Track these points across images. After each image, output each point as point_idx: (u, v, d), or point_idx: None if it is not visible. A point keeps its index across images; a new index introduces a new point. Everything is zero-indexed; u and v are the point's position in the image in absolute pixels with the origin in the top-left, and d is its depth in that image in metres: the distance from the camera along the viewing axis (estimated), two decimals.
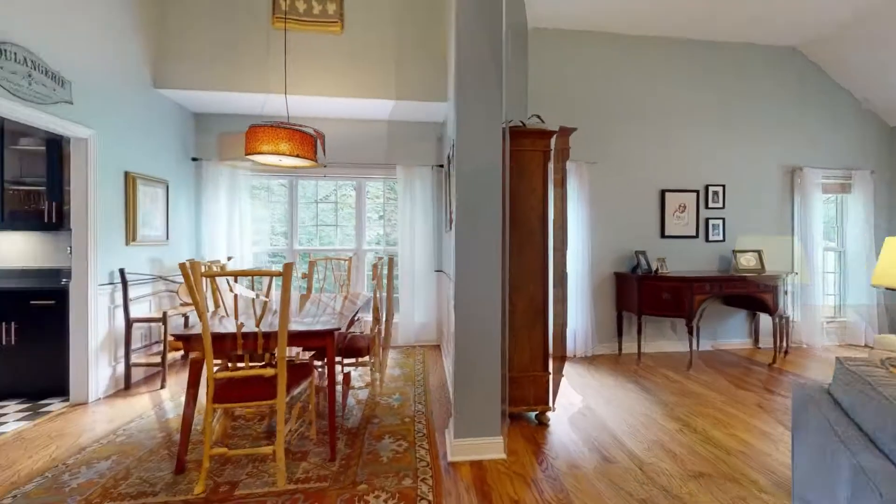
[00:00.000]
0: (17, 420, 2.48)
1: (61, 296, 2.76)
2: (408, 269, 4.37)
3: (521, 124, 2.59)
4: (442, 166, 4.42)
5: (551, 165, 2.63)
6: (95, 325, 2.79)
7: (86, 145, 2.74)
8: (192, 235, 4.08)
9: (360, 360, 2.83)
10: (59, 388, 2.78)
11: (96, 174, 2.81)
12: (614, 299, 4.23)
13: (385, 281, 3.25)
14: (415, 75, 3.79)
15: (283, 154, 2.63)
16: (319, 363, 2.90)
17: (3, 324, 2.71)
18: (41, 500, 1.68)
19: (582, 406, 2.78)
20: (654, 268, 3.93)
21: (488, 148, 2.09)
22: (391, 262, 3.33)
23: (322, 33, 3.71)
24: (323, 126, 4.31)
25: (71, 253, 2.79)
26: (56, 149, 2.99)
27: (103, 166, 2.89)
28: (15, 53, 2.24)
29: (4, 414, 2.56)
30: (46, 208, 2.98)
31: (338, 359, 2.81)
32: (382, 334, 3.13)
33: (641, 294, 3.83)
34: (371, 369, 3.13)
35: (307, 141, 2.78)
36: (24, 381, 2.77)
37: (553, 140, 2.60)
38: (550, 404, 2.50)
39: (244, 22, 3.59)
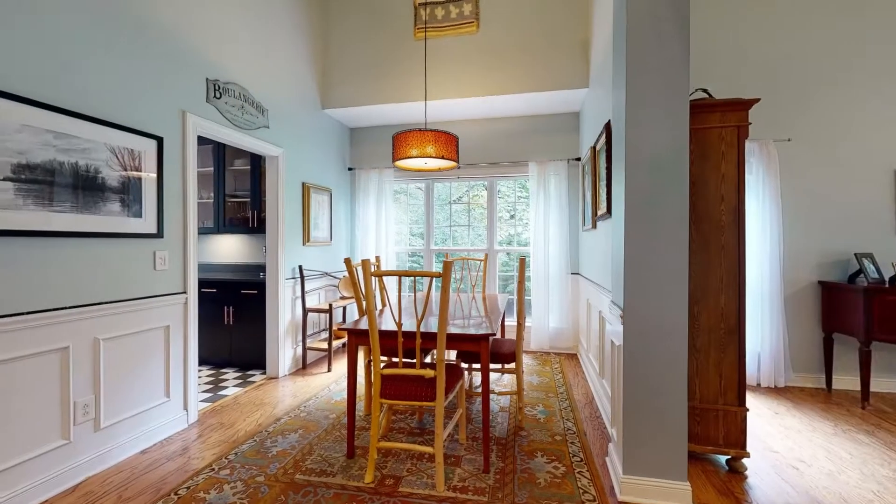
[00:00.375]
0: (234, 386, 3.13)
1: (261, 287, 3.39)
2: (541, 271, 4.13)
3: (705, 95, 2.11)
4: (578, 159, 4.05)
5: (748, 145, 2.08)
6: (283, 313, 3.35)
7: (277, 162, 3.29)
8: (347, 237, 4.61)
9: (505, 366, 2.73)
10: (259, 362, 3.43)
11: (284, 186, 3.36)
12: (819, 316, 3.23)
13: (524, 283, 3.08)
14: (552, 64, 3.55)
15: (430, 156, 2.69)
16: (465, 365, 2.90)
17: (225, 307, 3.47)
18: (253, 461, 2.02)
19: (789, 456, 2.14)
20: (889, 276, 2.86)
21: (669, 127, 1.73)
22: (522, 264, 3.17)
23: (459, 35, 3.74)
24: (456, 128, 4.39)
25: (265, 252, 3.39)
26: (257, 166, 3.69)
27: (288, 179, 3.44)
28: (234, 91, 2.79)
29: (226, 380, 3.28)
30: (250, 215, 3.70)
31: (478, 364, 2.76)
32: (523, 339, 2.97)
33: (872, 312, 2.81)
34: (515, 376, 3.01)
35: (451, 141, 2.80)
36: (237, 355, 3.51)
37: (749, 113, 2.06)
38: (747, 448, 1.98)
39: (390, 40, 3.87)
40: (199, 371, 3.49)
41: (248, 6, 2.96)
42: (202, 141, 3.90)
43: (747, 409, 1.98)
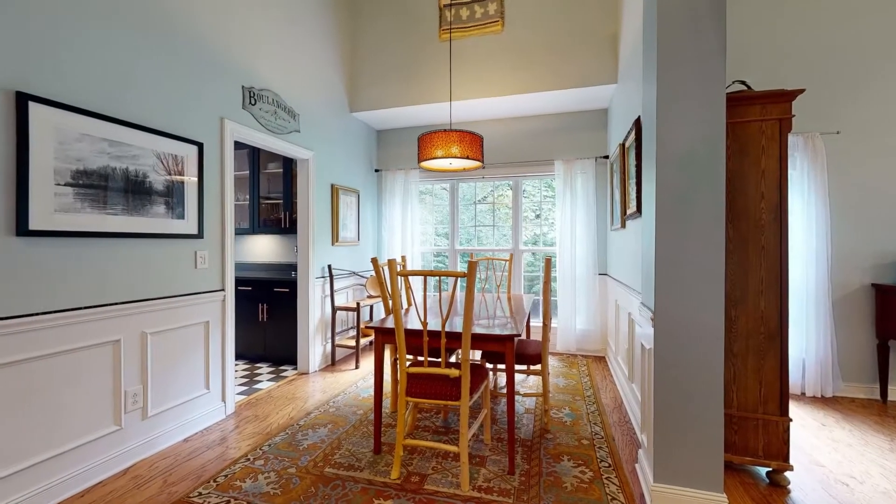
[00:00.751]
0: (268, 380, 3.27)
1: (292, 286, 3.52)
2: (568, 272, 4.05)
3: (744, 87, 2.01)
4: (606, 157, 3.95)
5: (791, 138, 1.97)
6: (313, 311, 3.46)
7: (308, 165, 3.41)
8: (374, 237, 4.70)
9: (531, 368, 2.70)
10: (291, 358, 3.56)
11: (314, 188, 3.47)
12: (873, 321, 3.00)
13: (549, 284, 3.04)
14: (578, 60, 3.48)
15: (455, 157, 2.71)
16: (490, 365, 2.90)
17: (259, 304, 3.63)
18: (285, 453, 2.11)
19: (837, 471, 2.01)
20: None
21: (704, 121, 1.66)
22: (548, 264, 3.13)
23: (484, 35, 3.74)
24: (482, 128, 4.39)
25: (297, 251, 3.51)
26: (289, 169, 3.83)
27: (318, 181, 3.56)
28: (268, 97, 2.92)
29: (261, 374, 3.43)
30: (282, 216, 3.85)
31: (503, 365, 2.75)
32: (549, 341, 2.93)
33: None
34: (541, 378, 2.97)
35: (475, 141, 2.81)
36: (270, 350, 3.66)
37: (792, 105, 1.95)
38: (790, 461, 1.87)
39: (416, 42, 3.91)
40: (236, 365, 3.65)
41: (281, 15, 3.08)
42: (238, 146, 4.08)
43: (790, 420, 1.87)
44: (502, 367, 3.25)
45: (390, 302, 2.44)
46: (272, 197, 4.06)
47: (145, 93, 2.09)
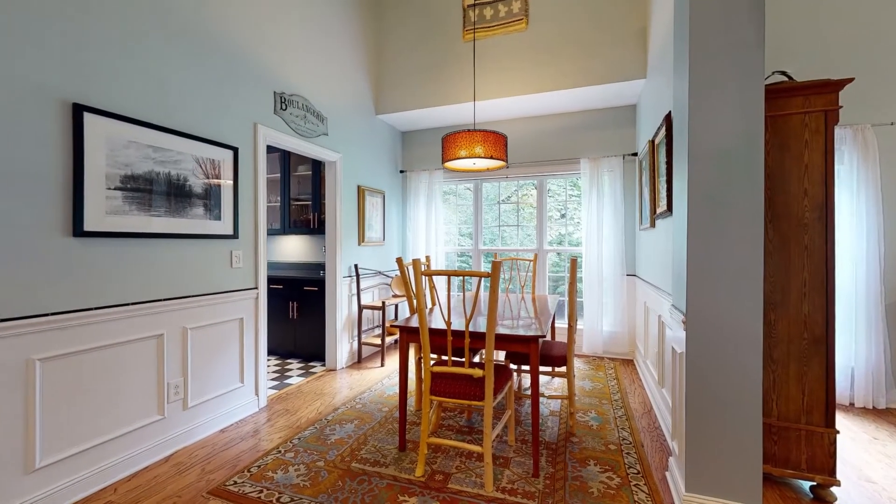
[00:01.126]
0: (298, 376, 3.38)
1: (321, 284, 3.63)
2: (594, 272, 3.97)
3: (784, 77, 1.91)
4: (635, 154, 3.84)
5: (839, 131, 1.85)
6: (341, 309, 3.55)
7: (335, 167, 3.50)
8: (399, 237, 4.77)
9: (556, 369, 2.67)
10: (319, 354, 3.67)
11: (341, 189, 3.56)
12: None
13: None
14: (605, 56, 3.40)
15: (479, 157, 2.71)
16: (514, 366, 2.88)
17: (290, 302, 3.76)
18: (314, 446, 2.18)
19: (891, 488, 1.86)
20: None
21: (740, 115, 1.59)
22: (574, 264, 3.07)
23: (507, 34, 3.72)
24: (506, 127, 4.36)
25: (325, 251, 3.61)
26: (317, 172, 3.94)
27: (345, 182, 3.65)
28: (297, 102, 3.02)
29: (291, 369, 3.55)
30: (311, 217, 3.96)
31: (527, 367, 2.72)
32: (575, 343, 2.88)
33: None
34: (567, 380, 2.93)
35: (499, 141, 2.80)
36: (300, 346, 3.78)
37: (839, 95, 1.83)
38: (836, 475, 1.76)
39: (440, 44, 3.94)
40: (268, 360, 3.80)
41: (311, 21, 3.18)
42: (270, 149, 4.24)
43: (837, 432, 1.76)
44: (527, 368, 3.23)
45: (415, 301, 2.47)
46: (302, 198, 4.20)
47: (185, 101, 2.22)
